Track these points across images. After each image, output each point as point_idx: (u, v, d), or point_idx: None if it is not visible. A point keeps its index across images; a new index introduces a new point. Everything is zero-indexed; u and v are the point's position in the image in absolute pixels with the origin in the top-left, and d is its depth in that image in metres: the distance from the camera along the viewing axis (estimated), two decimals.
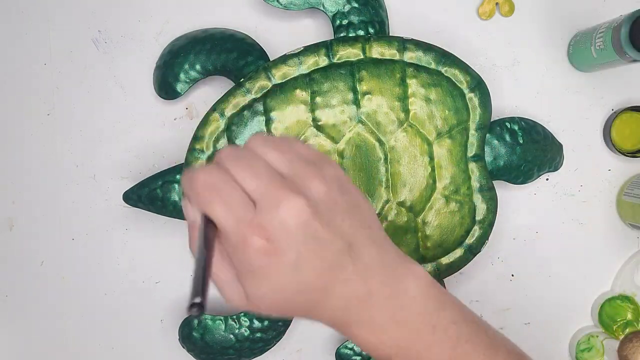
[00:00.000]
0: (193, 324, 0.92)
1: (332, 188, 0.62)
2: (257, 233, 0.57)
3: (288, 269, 0.58)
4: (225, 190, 0.59)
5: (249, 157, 0.62)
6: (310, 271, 0.59)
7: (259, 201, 0.59)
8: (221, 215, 0.59)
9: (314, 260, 0.59)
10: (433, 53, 0.89)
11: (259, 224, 0.58)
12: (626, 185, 0.98)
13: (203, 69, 0.92)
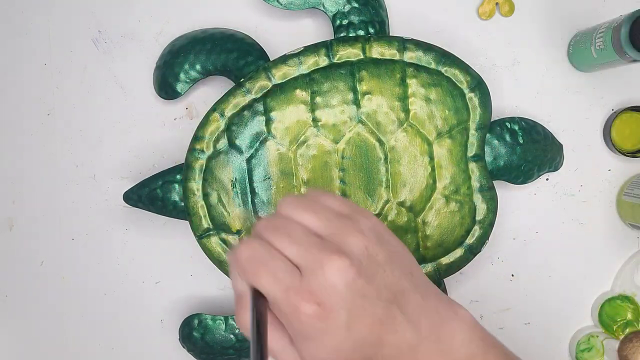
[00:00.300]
0: (193, 323, 0.92)
1: (371, 241, 0.62)
2: (306, 299, 0.58)
3: (341, 329, 0.59)
4: (269, 261, 0.60)
5: (285, 224, 0.63)
6: (363, 328, 0.60)
7: (303, 267, 0.60)
8: (269, 286, 0.59)
9: (365, 317, 0.60)
10: (433, 53, 0.89)
11: (308, 290, 0.58)
12: (626, 185, 0.98)
13: (203, 69, 0.92)
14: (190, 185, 0.89)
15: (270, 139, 0.88)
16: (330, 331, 0.59)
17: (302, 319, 0.58)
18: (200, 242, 0.89)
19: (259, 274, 0.60)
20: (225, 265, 0.89)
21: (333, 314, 0.58)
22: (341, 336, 0.59)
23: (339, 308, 0.59)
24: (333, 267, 0.59)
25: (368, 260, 0.61)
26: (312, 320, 0.58)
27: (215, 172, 0.88)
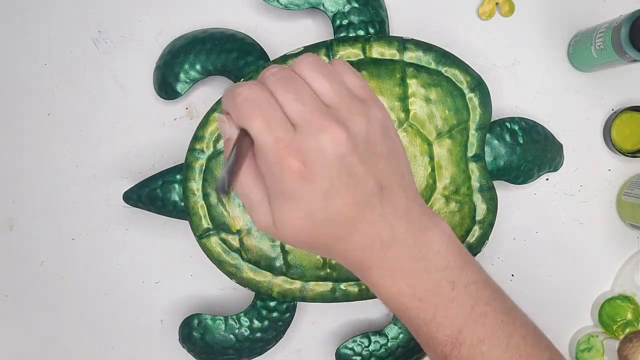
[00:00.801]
0: (193, 323, 0.92)
1: (374, 128, 0.62)
2: (294, 155, 0.58)
3: (319, 196, 0.59)
4: (267, 107, 0.60)
5: (295, 80, 0.62)
6: (340, 204, 0.60)
7: (300, 125, 0.59)
8: (260, 130, 0.59)
9: (345, 194, 0.60)
10: (433, 53, 0.89)
11: (298, 147, 0.58)
12: (626, 185, 0.98)
13: (203, 69, 0.91)
14: (190, 185, 0.88)
15: None
16: (307, 194, 0.59)
17: (284, 173, 0.58)
18: (200, 242, 0.89)
19: (252, 115, 0.59)
20: (225, 266, 0.89)
21: (314, 178, 0.58)
22: (316, 204, 0.59)
23: (322, 174, 0.59)
24: (329, 134, 0.58)
25: (365, 144, 0.61)
26: (293, 178, 0.58)
27: (216, 172, 0.88)
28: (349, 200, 0.60)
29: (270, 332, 0.92)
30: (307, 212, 0.60)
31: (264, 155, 0.59)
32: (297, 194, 0.59)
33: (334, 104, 0.61)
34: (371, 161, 0.61)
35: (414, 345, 0.92)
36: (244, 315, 0.92)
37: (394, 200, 0.63)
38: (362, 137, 0.61)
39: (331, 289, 0.89)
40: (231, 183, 0.57)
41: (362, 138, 0.61)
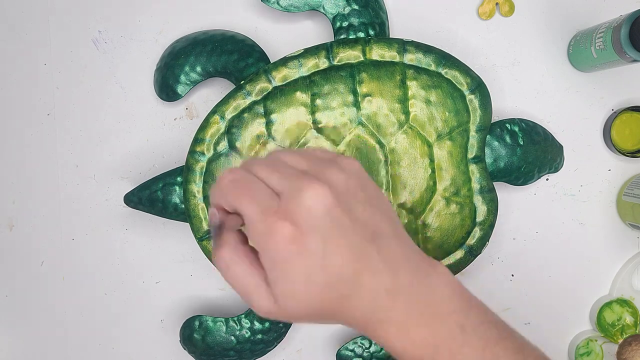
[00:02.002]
0: (194, 325, 0.92)
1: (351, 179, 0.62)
2: (282, 219, 0.58)
3: (316, 256, 0.58)
4: (250, 185, 0.60)
5: (270, 159, 0.63)
6: (338, 259, 0.59)
7: (283, 192, 0.59)
8: (247, 206, 0.59)
9: (341, 247, 0.59)
10: (433, 55, 0.89)
11: (285, 211, 0.58)
12: (626, 185, 0.98)
13: (203, 71, 0.91)
14: (190, 187, 0.88)
15: (270, 141, 0.88)
16: (304, 256, 0.58)
17: (277, 239, 0.58)
18: (200, 245, 0.89)
19: (238, 195, 0.60)
20: None
21: (308, 238, 0.58)
22: (316, 265, 0.59)
23: (314, 232, 0.58)
24: (311, 192, 0.58)
25: (347, 194, 0.61)
26: (287, 242, 0.58)
27: (216, 174, 0.88)
28: (345, 254, 0.59)
29: (271, 334, 0.92)
30: (307, 277, 0.59)
31: (255, 228, 0.59)
32: (294, 259, 0.58)
33: (308, 168, 0.62)
34: (357, 210, 0.61)
35: None
36: (245, 316, 0.92)
37: (390, 247, 0.62)
38: (343, 188, 0.61)
39: None
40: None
41: (343, 189, 0.61)
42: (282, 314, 0.62)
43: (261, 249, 0.60)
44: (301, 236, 0.58)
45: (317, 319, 0.64)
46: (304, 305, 0.61)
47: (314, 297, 0.60)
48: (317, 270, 0.59)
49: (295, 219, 0.58)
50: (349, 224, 0.60)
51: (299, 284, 0.59)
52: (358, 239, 0.60)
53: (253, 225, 0.59)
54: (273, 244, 0.58)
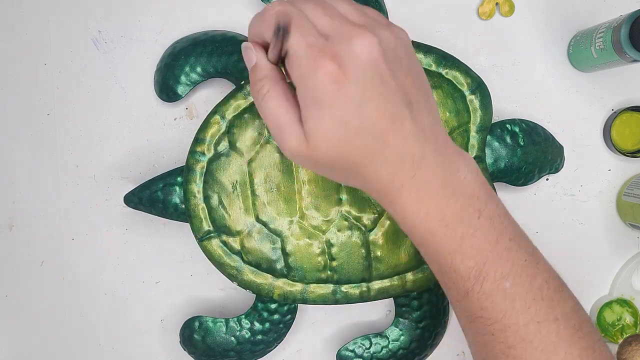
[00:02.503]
0: (194, 326, 0.92)
1: (400, 44, 0.62)
2: (328, 58, 0.58)
3: (352, 103, 0.59)
4: (298, 18, 0.60)
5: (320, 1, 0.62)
6: (373, 110, 0.59)
7: (331, 35, 0.59)
8: (294, 35, 0.59)
9: (378, 100, 0.59)
10: (433, 55, 0.89)
11: (332, 51, 0.58)
12: (626, 185, 0.98)
13: (204, 71, 0.91)
14: (191, 187, 0.88)
15: (271, 141, 0.88)
16: (341, 99, 0.58)
17: (318, 76, 0.58)
18: (201, 245, 0.89)
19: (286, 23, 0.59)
20: (226, 268, 0.89)
21: (349, 82, 0.58)
22: (350, 110, 0.59)
23: (357, 79, 0.58)
24: (362, 40, 0.58)
25: (394, 56, 0.61)
26: (328, 81, 0.58)
27: (216, 174, 0.88)
28: (381, 108, 0.60)
29: (271, 335, 0.92)
30: (341, 119, 0.59)
31: (298, 61, 0.59)
32: (332, 99, 0.58)
33: (360, 22, 0.61)
34: (400, 73, 0.61)
35: (415, 347, 0.92)
36: (245, 317, 0.92)
37: (422, 119, 0.63)
38: (391, 48, 0.61)
39: (332, 292, 0.89)
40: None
41: (390, 49, 0.61)
42: (310, 154, 0.62)
43: (300, 84, 0.60)
44: (344, 79, 0.58)
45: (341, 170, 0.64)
46: (333, 147, 0.61)
47: (344, 141, 0.60)
48: (352, 116, 0.59)
49: (341, 61, 0.58)
50: (390, 82, 0.60)
51: (332, 124, 0.60)
52: (396, 99, 0.60)
53: (297, 58, 0.59)
54: (314, 79, 0.58)
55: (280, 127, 0.63)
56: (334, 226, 0.88)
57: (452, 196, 0.64)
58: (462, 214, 0.64)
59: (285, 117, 0.62)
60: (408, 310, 0.92)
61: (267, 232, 0.88)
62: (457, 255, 0.65)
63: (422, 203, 0.64)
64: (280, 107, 0.62)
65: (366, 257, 0.88)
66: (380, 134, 0.61)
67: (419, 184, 0.63)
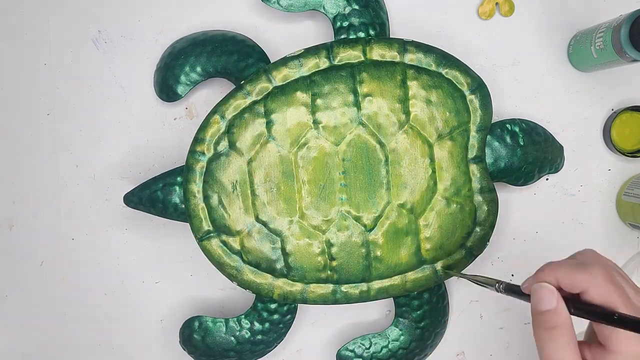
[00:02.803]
0: (194, 326, 0.92)
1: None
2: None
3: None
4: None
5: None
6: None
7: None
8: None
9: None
10: (434, 55, 0.89)
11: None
12: (626, 185, 0.98)
13: (204, 71, 0.91)
14: (190, 187, 0.88)
15: (271, 141, 0.88)
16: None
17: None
18: (200, 245, 0.89)
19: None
20: (226, 268, 0.89)
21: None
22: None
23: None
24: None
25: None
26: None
27: (216, 174, 0.88)
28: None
29: (271, 334, 0.92)
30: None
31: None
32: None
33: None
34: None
35: (415, 346, 0.92)
36: (245, 317, 0.92)
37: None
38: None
39: (332, 291, 0.89)
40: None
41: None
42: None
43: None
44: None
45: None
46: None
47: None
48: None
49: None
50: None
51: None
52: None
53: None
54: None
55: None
56: (333, 226, 0.88)
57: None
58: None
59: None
60: (408, 310, 0.92)
61: (267, 231, 0.88)
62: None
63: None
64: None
65: (366, 257, 0.88)
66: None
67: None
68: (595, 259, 0.64)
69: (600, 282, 0.60)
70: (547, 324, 0.61)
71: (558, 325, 0.60)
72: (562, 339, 0.60)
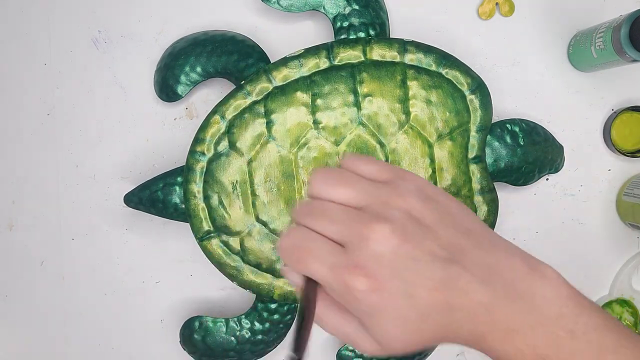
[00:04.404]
0: (194, 326, 0.92)
1: (414, 204, 0.59)
2: (355, 273, 0.55)
3: (400, 298, 0.56)
4: (310, 244, 0.58)
5: (319, 205, 0.60)
6: (424, 293, 0.56)
7: (345, 242, 0.57)
8: (315, 269, 0.57)
9: (423, 281, 0.56)
10: (434, 55, 0.89)
11: (354, 264, 0.56)
12: (626, 185, 0.98)
13: (204, 71, 0.91)
14: (191, 187, 0.88)
15: (271, 141, 0.88)
16: (389, 303, 0.56)
17: (356, 295, 0.56)
18: (201, 245, 0.89)
19: (302, 259, 0.57)
20: (226, 268, 0.89)
21: (387, 284, 0.55)
22: (403, 306, 0.56)
23: (391, 276, 0.55)
24: (375, 237, 0.55)
25: (413, 224, 0.57)
26: (367, 294, 0.55)
27: (216, 174, 0.88)
28: (428, 284, 0.56)
29: (271, 334, 0.92)
30: (400, 317, 0.57)
31: (330, 288, 0.58)
32: (380, 306, 0.56)
33: (364, 204, 0.59)
34: (427, 237, 0.57)
35: None
36: (245, 317, 0.92)
37: (475, 261, 0.58)
38: (406, 219, 0.58)
39: None
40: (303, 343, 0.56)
41: (406, 220, 0.57)
42: (389, 352, 0.60)
43: (345, 304, 0.58)
44: (379, 284, 0.55)
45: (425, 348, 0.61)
46: (405, 341, 0.58)
47: (414, 334, 0.58)
48: (407, 310, 0.56)
49: (367, 270, 0.55)
50: (423, 255, 0.56)
51: (395, 327, 0.57)
52: (438, 265, 0.56)
53: (328, 286, 0.57)
54: (353, 299, 0.56)
55: (348, 336, 0.61)
56: None
57: (538, 325, 0.59)
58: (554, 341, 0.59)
59: (350, 328, 0.60)
60: None
61: (267, 232, 0.88)
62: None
63: (510, 343, 0.59)
64: (339, 322, 0.60)
65: None
66: (442, 305, 0.57)
67: (500, 325, 0.58)
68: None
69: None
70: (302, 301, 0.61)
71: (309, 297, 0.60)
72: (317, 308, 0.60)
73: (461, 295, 0.57)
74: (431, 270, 0.56)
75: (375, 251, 0.56)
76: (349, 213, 0.58)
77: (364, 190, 0.60)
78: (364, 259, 0.56)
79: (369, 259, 0.56)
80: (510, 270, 0.59)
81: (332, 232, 0.58)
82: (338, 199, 0.60)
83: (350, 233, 0.57)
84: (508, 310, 0.58)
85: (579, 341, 0.58)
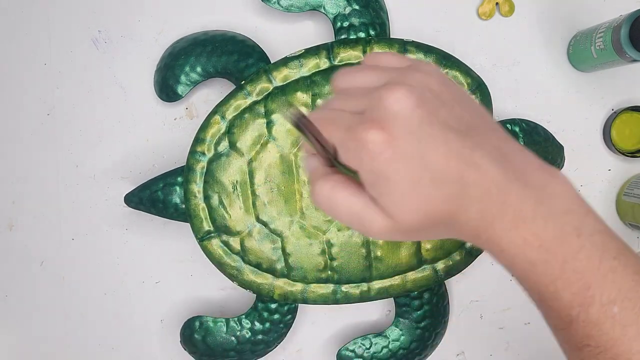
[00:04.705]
0: (194, 325, 0.92)
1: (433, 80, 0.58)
2: (369, 127, 0.54)
3: (415, 157, 0.54)
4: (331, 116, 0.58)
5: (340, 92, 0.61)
6: (437, 155, 0.55)
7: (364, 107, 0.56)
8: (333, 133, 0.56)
9: (438, 144, 0.55)
10: (434, 55, 0.89)
11: (371, 121, 0.54)
12: (626, 185, 0.98)
13: (204, 71, 0.91)
14: (191, 187, 0.88)
15: (271, 141, 0.88)
16: (403, 160, 0.54)
17: (370, 148, 0.54)
18: (201, 245, 0.89)
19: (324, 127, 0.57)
20: (226, 268, 0.89)
21: (402, 140, 0.54)
22: (417, 166, 0.54)
23: (407, 134, 0.54)
24: (393, 96, 0.54)
25: (431, 94, 0.57)
26: (381, 149, 0.54)
27: (217, 174, 0.88)
28: (443, 149, 0.55)
29: (272, 334, 0.92)
30: (412, 179, 0.55)
31: (346, 147, 0.56)
32: (393, 165, 0.54)
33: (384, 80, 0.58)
34: (444, 107, 0.57)
35: (415, 347, 0.92)
36: (245, 317, 0.92)
37: (490, 140, 0.58)
38: (426, 88, 0.57)
39: (332, 291, 0.89)
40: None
41: (426, 88, 0.57)
42: (399, 226, 0.58)
43: (358, 167, 0.56)
44: (394, 140, 0.54)
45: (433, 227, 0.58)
46: (416, 209, 0.56)
47: (424, 199, 0.56)
48: (420, 171, 0.55)
49: (382, 124, 0.54)
50: (440, 121, 0.55)
51: (406, 189, 0.55)
52: (453, 135, 0.55)
53: (344, 146, 0.56)
54: (367, 155, 0.55)
55: (357, 214, 0.59)
56: (334, 226, 0.88)
57: (548, 217, 0.57)
58: (561, 236, 0.58)
59: (359, 204, 0.58)
60: (408, 310, 0.92)
61: (267, 232, 0.88)
62: (559, 282, 0.59)
63: (517, 230, 0.57)
64: (348, 196, 0.59)
65: (366, 257, 0.88)
66: (456, 174, 0.56)
67: (510, 210, 0.57)
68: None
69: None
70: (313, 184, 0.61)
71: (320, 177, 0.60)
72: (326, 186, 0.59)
73: (475, 170, 0.56)
74: (446, 137, 0.55)
75: (392, 110, 0.55)
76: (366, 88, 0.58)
77: (385, 72, 0.59)
78: (380, 116, 0.55)
79: (386, 116, 0.55)
80: (523, 162, 0.58)
81: (352, 105, 0.58)
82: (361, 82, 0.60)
83: (370, 97, 0.57)
84: (520, 194, 0.56)
85: (584, 240, 0.57)
